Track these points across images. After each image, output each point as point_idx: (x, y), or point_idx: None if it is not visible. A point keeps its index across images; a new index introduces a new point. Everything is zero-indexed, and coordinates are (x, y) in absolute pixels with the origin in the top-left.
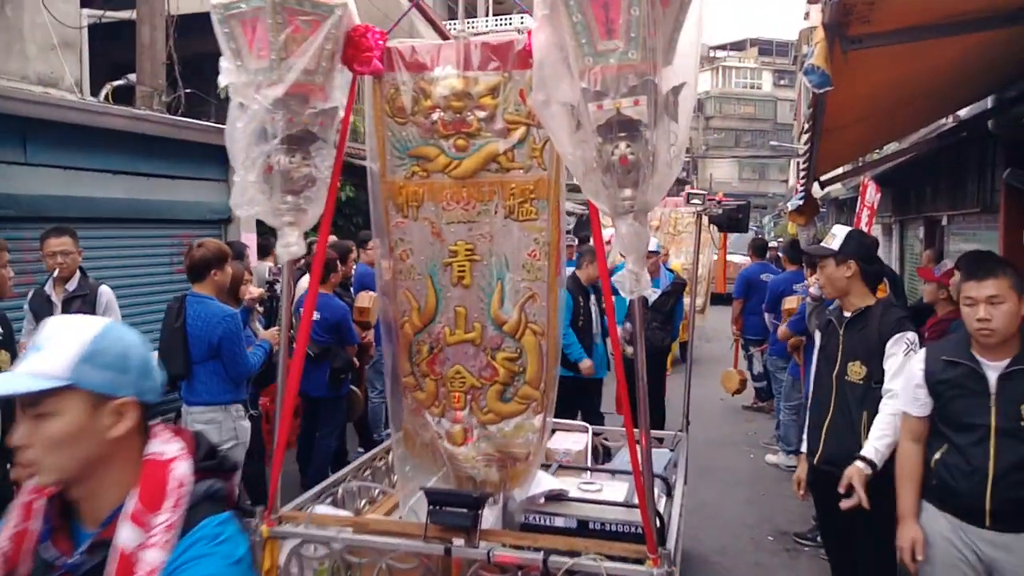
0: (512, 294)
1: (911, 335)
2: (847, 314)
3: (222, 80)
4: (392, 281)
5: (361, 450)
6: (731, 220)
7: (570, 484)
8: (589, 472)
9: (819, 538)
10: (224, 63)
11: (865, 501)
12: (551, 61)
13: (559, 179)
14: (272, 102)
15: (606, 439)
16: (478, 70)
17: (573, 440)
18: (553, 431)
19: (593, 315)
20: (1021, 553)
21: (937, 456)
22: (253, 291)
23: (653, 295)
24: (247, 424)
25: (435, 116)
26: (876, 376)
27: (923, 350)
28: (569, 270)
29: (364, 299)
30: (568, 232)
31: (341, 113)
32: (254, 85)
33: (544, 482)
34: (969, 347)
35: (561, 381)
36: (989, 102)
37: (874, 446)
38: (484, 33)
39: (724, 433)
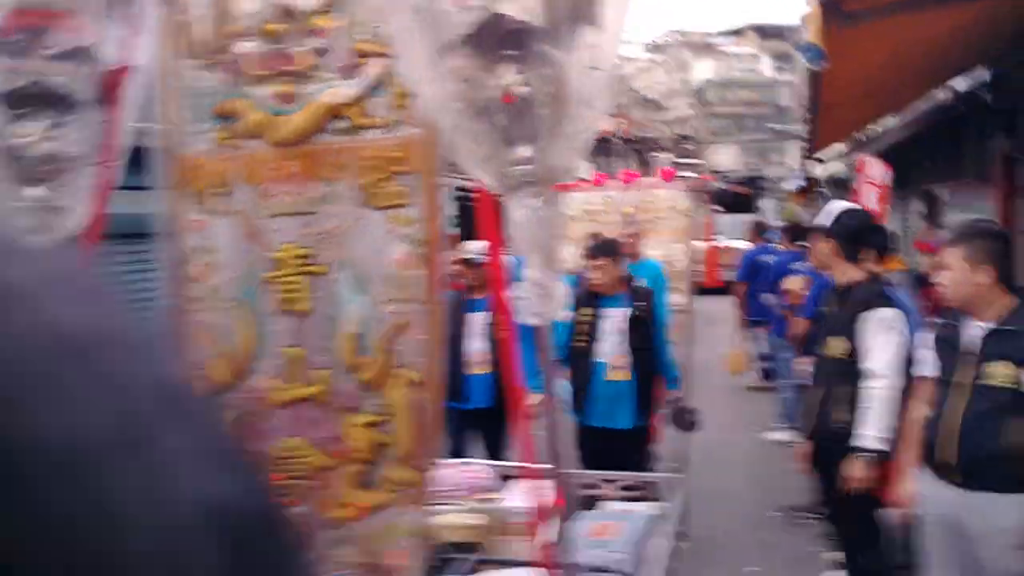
0: (374, 324)
1: (886, 311)
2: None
3: None
4: (182, 314)
5: None
6: (738, 199)
7: None
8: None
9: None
10: None
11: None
12: None
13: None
14: None
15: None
16: None
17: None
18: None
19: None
20: (986, 512)
21: (927, 414)
22: None
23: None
24: None
25: (241, 48)
26: (854, 351)
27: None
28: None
29: None
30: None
31: (110, 56)
32: None
33: None
34: (962, 311)
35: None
36: (985, 74)
37: (869, 434)
38: None
39: (729, 414)
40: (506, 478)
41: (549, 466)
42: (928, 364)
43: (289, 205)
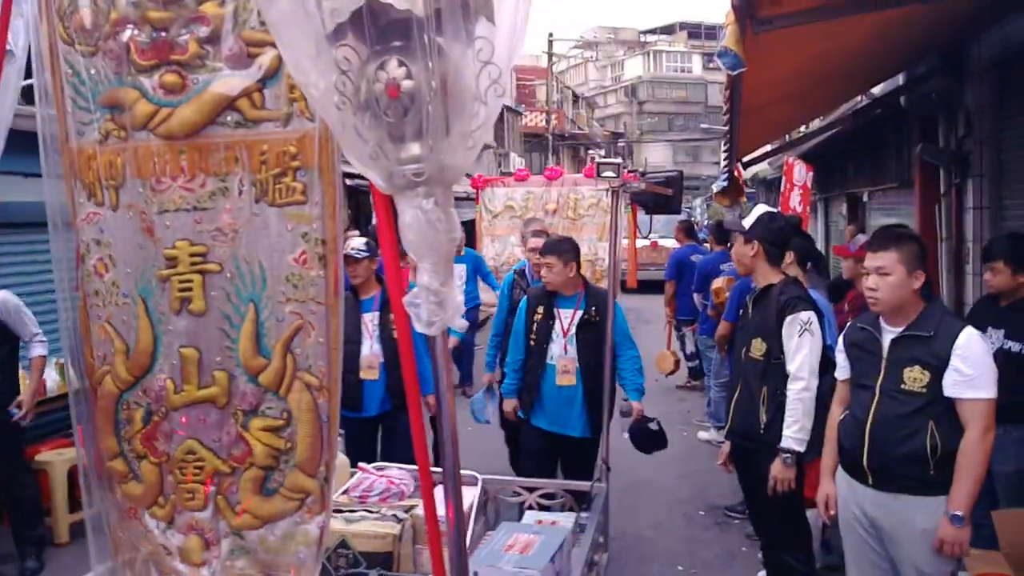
0: (272, 325)
1: (805, 315)
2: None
3: None
4: (83, 309)
5: None
6: (659, 199)
7: None
8: None
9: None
10: None
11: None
12: None
13: None
14: None
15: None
16: None
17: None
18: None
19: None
20: (897, 513)
21: (841, 416)
22: None
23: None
24: None
25: (124, 36)
26: (775, 353)
27: (850, 322)
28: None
29: None
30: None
31: None
32: None
33: None
34: (879, 316)
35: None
36: (901, 79)
37: (788, 435)
38: None
39: (659, 412)
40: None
41: (470, 473)
42: (843, 367)
43: (181, 200)
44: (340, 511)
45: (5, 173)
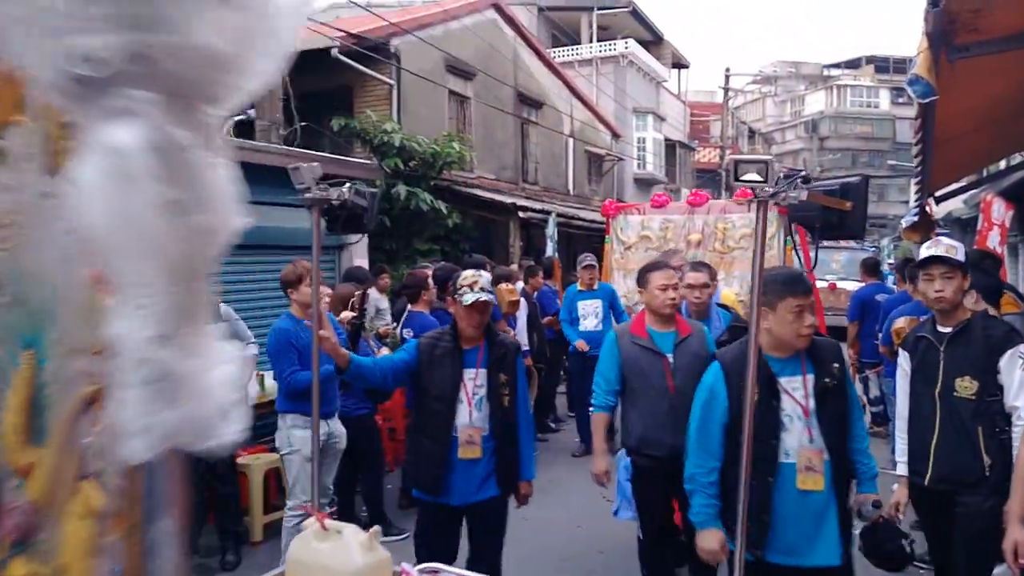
0: (57, 391)
1: (1022, 347)
2: (946, 329)
3: None
4: None
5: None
6: (831, 217)
7: None
8: None
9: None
10: None
11: None
12: None
13: None
14: None
15: None
16: None
17: None
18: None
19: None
20: None
21: None
22: (345, 314)
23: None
24: (301, 433)
25: None
26: (990, 390)
27: None
28: None
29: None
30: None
31: None
32: None
33: None
34: None
35: None
36: None
37: None
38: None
39: None
40: None
41: None
42: None
43: None
44: None
45: None
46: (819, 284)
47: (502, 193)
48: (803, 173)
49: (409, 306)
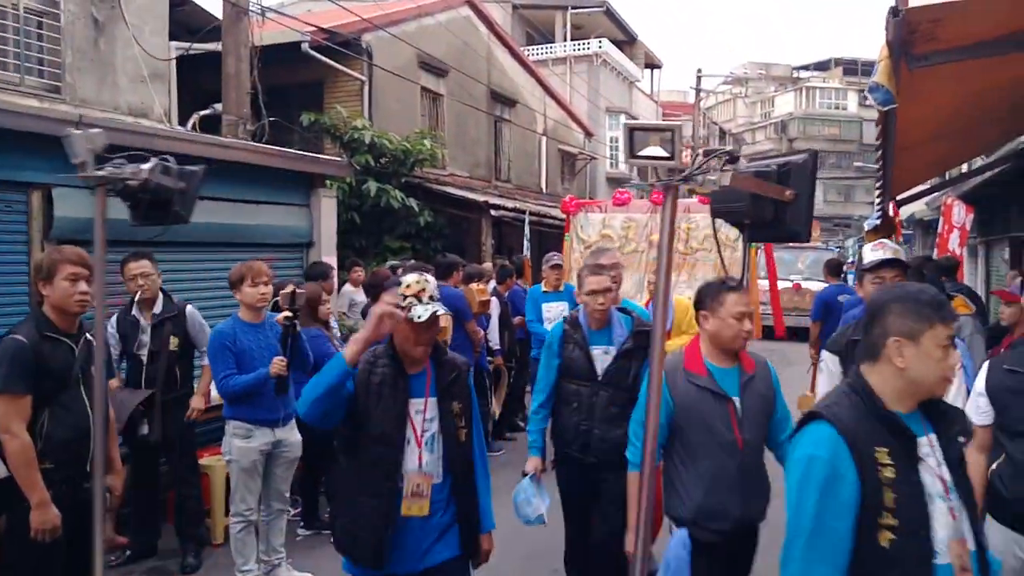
0: None
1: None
2: None
3: None
4: None
5: None
6: (762, 209)
7: None
8: None
9: None
10: None
11: None
12: None
13: None
14: None
15: None
16: None
17: None
18: None
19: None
20: None
21: (993, 467)
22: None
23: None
24: (239, 443)
25: None
26: None
27: (987, 362)
28: None
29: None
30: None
31: None
32: None
33: None
34: None
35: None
36: None
37: None
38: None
39: None
40: None
41: None
42: (984, 412)
43: None
44: None
45: None
46: (783, 284)
47: (474, 191)
48: (728, 149)
49: (373, 308)
